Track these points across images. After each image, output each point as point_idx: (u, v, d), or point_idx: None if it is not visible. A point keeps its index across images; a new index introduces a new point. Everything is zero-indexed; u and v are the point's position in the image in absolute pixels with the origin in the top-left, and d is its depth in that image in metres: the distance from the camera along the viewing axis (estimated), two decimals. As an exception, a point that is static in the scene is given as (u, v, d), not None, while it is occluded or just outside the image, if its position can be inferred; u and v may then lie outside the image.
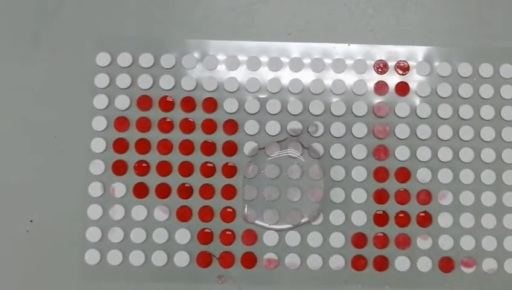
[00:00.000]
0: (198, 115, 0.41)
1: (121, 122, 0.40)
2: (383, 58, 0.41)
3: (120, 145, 0.40)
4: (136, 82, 0.41)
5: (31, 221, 0.40)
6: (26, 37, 0.41)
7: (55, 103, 0.41)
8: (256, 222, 0.40)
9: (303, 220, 0.40)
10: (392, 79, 0.41)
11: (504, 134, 0.41)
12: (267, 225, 0.40)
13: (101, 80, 0.41)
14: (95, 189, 0.40)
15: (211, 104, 0.41)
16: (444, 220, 0.40)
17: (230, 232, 0.40)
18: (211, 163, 0.40)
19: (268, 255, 0.40)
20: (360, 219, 0.40)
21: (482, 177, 0.40)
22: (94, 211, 0.39)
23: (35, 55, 0.41)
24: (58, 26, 0.41)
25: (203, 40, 0.41)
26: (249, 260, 0.39)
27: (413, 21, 0.42)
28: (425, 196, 0.40)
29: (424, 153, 0.40)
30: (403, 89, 0.41)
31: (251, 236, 0.40)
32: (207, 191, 0.40)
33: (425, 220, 0.40)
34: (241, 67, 0.41)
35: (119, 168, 0.40)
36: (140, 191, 0.40)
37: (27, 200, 0.40)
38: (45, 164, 0.40)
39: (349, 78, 0.41)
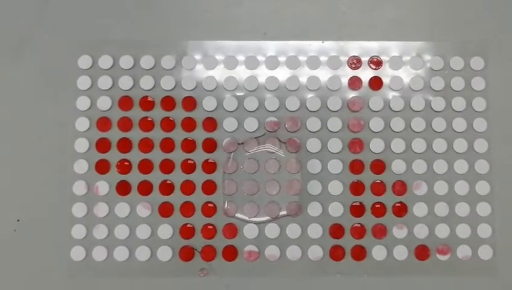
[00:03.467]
0: (178, 114, 0.42)
1: (103, 123, 0.42)
2: (356, 54, 0.43)
3: (103, 145, 0.41)
4: (117, 83, 0.42)
5: (18, 220, 0.41)
6: (9, 42, 0.43)
7: (39, 105, 0.42)
8: (237, 215, 0.41)
9: (281, 213, 0.41)
10: (365, 74, 0.43)
11: (475, 125, 0.42)
12: (247, 218, 0.41)
13: (83, 82, 0.42)
14: (79, 188, 0.41)
15: (190, 103, 0.42)
16: (419, 209, 0.41)
17: (211, 227, 0.41)
18: (191, 160, 0.41)
19: (248, 247, 0.41)
20: (337, 210, 0.41)
21: (455, 167, 0.42)
22: (79, 209, 0.41)
23: (19, 59, 0.42)
24: (41, 31, 0.43)
25: (182, 41, 0.43)
26: (230, 253, 0.41)
27: (385, 17, 0.43)
28: (401, 187, 0.41)
29: (398, 145, 0.42)
30: (376, 83, 0.42)
31: (232, 230, 0.41)
32: (188, 187, 0.41)
33: (401, 210, 0.41)
34: (219, 66, 0.42)
35: (102, 167, 0.41)
36: (123, 188, 0.41)
37: (14, 200, 0.41)
38: (31, 165, 0.41)
39: (323, 75, 0.42)
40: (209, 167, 0.41)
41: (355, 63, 0.43)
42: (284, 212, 0.41)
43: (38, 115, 0.42)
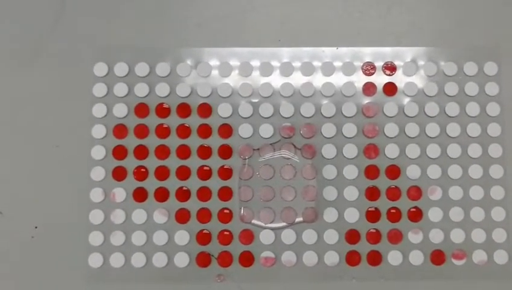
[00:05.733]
0: (194, 121, 0.42)
1: (120, 130, 0.42)
2: (370, 60, 0.43)
3: (119, 152, 0.42)
4: (133, 90, 0.42)
5: (36, 227, 0.41)
6: (26, 50, 0.43)
7: (56, 113, 0.42)
8: (253, 221, 0.41)
9: (298, 219, 0.41)
10: (379, 80, 0.43)
11: (490, 130, 0.42)
12: (263, 225, 0.41)
13: (99, 90, 0.42)
14: (96, 195, 0.41)
15: (205, 110, 0.42)
16: (434, 214, 0.41)
17: (227, 233, 0.41)
18: (207, 166, 0.42)
19: (265, 253, 0.41)
20: (353, 215, 0.41)
21: (469, 172, 0.42)
22: (96, 216, 0.41)
23: (35, 67, 0.43)
24: (57, 39, 0.43)
25: (197, 48, 0.43)
26: (247, 259, 0.41)
27: (399, 23, 0.44)
28: (416, 192, 0.42)
29: (413, 150, 0.42)
30: (390, 89, 0.43)
31: (248, 236, 0.41)
32: (204, 194, 0.41)
33: (416, 215, 0.41)
34: (234, 73, 0.43)
35: (119, 174, 0.41)
36: (139, 195, 0.41)
37: (31, 207, 0.41)
38: (48, 172, 0.41)
39: (338, 81, 0.43)
40: (225, 173, 0.42)
41: (369, 69, 0.43)
42: (300, 219, 0.41)
43: (55, 123, 0.42)
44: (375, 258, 0.41)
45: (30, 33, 0.43)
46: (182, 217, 0.41)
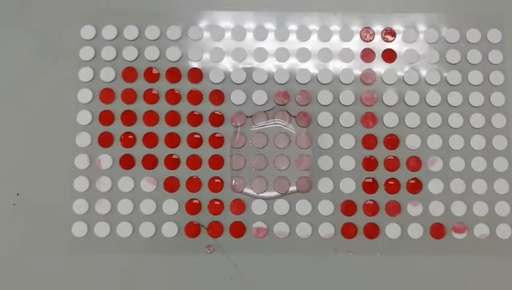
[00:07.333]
0: (184, 86, 0.40)
1: (107, 95, 0.40)
2: (369, 26, 0.41)
3: (106, 118, 0.40)
4: (121, 54, 0.41)
5: (18, 194, 0.39)
6: (11, 13, 0.41)
7: (40, 77, 0.40)
8: (244, 191, 0.39)
9: (291, 189, 0.39)
10: (378, 46, 0.41)
11: (493, 99, 0.41)
12: (255, 194, 0.39)
13: (86, 53, 0.41)
14: (81, 161, 0.39)
15: (196, 75, 0.40)
16: (434, 186, 0.40)
17: (218, 202, 0.39)
18: (198, 134, 0.40)
19: (257, 224, 0.39)
20: (349, 186, 0.40)
21: (471, 143, 0.40)
22: (81, 183, 0.39)
23: (19, 29, 0.41)
24: (43, 1, 0.41)
25: (188, 11, 0.41)
26: (238, 229, 0.39)
27: (399, -12, 0.42)
28: (415, 163, 0.40)
29: (412, 120, 0.40)
30: (389, 55, 0.41)
31: (239, 205, 0.39)
32: (194, 162, 0.40)
33: (416, 186, 0.40)
34: (227, 36, 0.41)
35: (105, 140, 0.40)
36: (126, 162, 0.40)
37: (13, 174, 0.39)
38: (31, 137, 0.40)
39: (335, 46, 0.41)
40: (216, 141, 0.40)
41: (368, 35, 0.41)
42: (293, 188, 0.39)
43: (39, 87, 0.40)
44: (372, 231, 0.39)
45: (15, -6, 0.41)
46: (171, 185, 0.39)
